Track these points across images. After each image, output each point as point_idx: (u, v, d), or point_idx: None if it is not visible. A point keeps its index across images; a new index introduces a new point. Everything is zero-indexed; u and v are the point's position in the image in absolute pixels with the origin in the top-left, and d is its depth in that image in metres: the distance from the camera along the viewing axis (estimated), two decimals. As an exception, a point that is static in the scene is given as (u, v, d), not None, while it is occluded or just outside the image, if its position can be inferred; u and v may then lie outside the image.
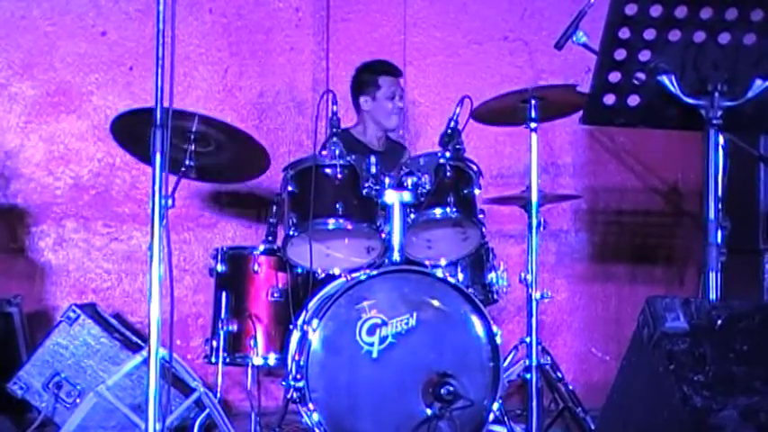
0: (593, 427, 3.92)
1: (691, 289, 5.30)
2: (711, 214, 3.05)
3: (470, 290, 3.79)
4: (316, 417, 3.47)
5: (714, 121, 3.05)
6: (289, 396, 3.65)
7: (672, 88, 3.05)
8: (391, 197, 3.78)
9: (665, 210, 5.56)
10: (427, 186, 3.78)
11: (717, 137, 3.07)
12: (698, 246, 3.09)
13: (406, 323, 3.60)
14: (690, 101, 3.06)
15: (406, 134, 5.21)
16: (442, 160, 3.82)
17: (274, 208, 4.17)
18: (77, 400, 4.02)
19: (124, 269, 4.95)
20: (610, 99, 3.10)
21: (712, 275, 3.02)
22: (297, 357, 3.64)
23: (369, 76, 4.64)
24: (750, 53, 3.02)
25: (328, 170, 3.73)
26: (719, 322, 2.66)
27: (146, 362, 2.93)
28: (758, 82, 3.05)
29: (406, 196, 3.79)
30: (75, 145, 4.95)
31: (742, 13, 2.96)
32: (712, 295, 3.00)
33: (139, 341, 4.23)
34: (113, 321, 4.42)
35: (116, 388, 3.74)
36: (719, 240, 3.04)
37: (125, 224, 4.97)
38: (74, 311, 4.14)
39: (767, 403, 2.52)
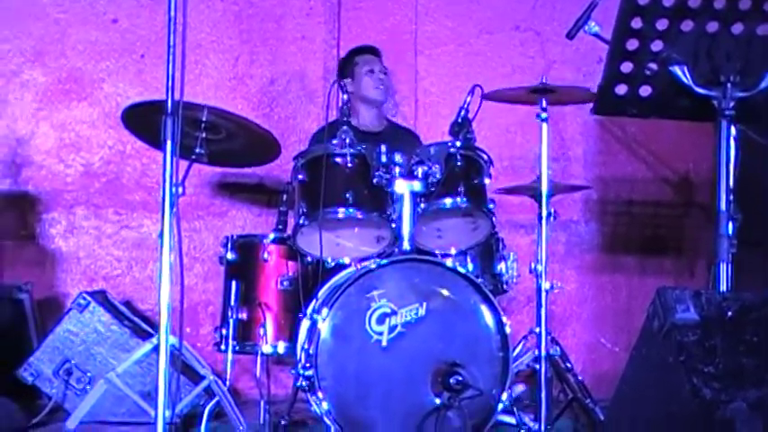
0: (602, 418, 3.92)
1: (701, 280, 5.28)
2: (723, 205, 3.05)
3: (480, 280, 3.78)
4: (325, 405, 3.47)
5: (726, 112, 3.04)
6: (298, 384, 3.66)
7: (684, 79, 3.04)
8: (401, 187, 3.78)
9: (675, 201, 5.54)
10: (437, 176, 3.77)
11: (729, 128, 3.07)
12: (709, 237, 3.09)
13: (416, 312, 3.60)
14: (702, 91, 3.05)
15: (416, 123, 5.20)
16: (452, 149, 3.81)
17: (285, 196, 4.17)
18: (87, 387, 4.04)
19: (134, 257, 4.97)
20: (621, 89, 3.10)
21: (723, 267, 3.02)
22: (306, 346, 3.65)
23: (345, 61, 4.81)
24: (763, 44, 3.01)
25: (339, 159, 3.73)
26: (730, 314, 2.66)
27: (156, 349, 2.94)
28: (771, 73, 3.04)
29: (417, 186, 3.78)
30: (86, 132, 4.96)
31: (756, 2, 2.95)
32: (723, 287, 3.00)
33: (149, 329, 4.25)
34: (123, 309, 4.44)
35: (126, 375, 3.75)
36: (731, 232, 3.04)
37: (135, 212, 4.98)
38: (84, 298, 4.16)
39: (777, 395, 2.52)
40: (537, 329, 3.91)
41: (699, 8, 2.95)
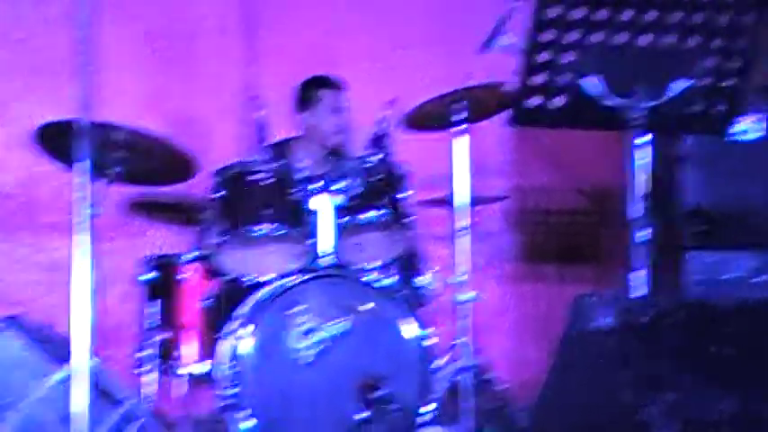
0: (525, 426, 3.95)
1: (618, 287, 5.37)
2: (636, 213, 3.11)
3: (401, 293, 3.80)
4: (249, 423, 3.45)
5: (636, 122, 3.11)
6: (222, 404, 3.62)
7: (595, 90, 3.10)
8: (320, 202, 3.78)
9: (591, 209, 5.63)
10: (356, 190, 3.78)
11: (639, 137, 3.13)
12: (624, 245, 3.14)
13: (339, 328, 3.60)
14: (612, 102, 3.11)
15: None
16: (370, 164, 3.83)
17: (203, 215, 4.14)
18: (3, 415, 3.94)
19: (50, 280, 4.86)
20: (535, 101, 3.14)
21: (638, 273, 3.07)
22: (229, 365, 3.62)
23: (309, 91, 4.58)
24: (669, 54, 3.09)
25: (256, 176, 3.71)
26: (646, 319, 2.71)
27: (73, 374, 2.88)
28: (678, 82, 3.11)
29: (336, 200, 3.79)
30: (-2, 154, 4.86)
31: (661, 15, 3.02)
32: (638, 293, 3.05)
33: (67, 353, 4.15)
34: (39, 333, 4.34)
35: (43, 401, 3.67)
36: (644, 239, 3.10)
37: (50, 234, 4.88)
38: (-2, 324, 4.06)
39: (693, 398, 2.57)
40: (459, 341, 3.94)
41: (606, 20, 3.01)
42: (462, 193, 3.93)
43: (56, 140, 3.61)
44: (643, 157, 3.15)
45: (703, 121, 3.27)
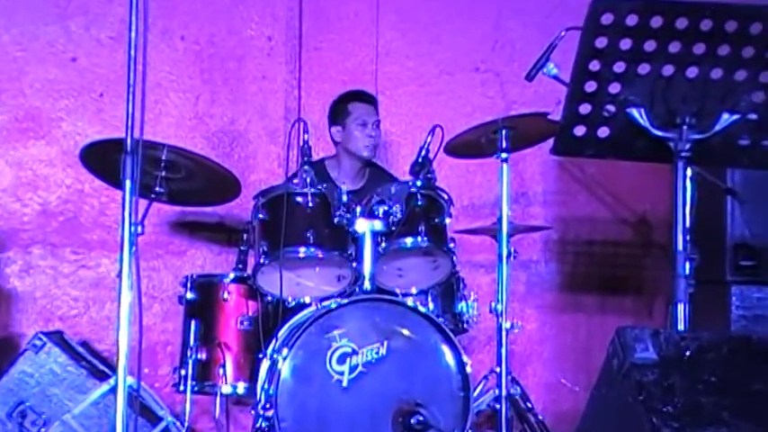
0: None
1: (659, 320, 5.32)
2: (680, 246, 3.07)
3: (441, 319, 3.79)
4: (284, 446, 3.45)
5: (683, 154, 3.08)
6: (258, 425, 3.62)
7: (641, 121, 3.08)
8: (362, 226, 3.79)
9: (634, 241, 5.59)
10: (398, 215, 3.78)
11: (685, 169, 3.10)
12: (667, 277, 3.11)
13: (377, 352, 3.59)
14: (659, 133, 3.09)
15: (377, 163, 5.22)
16: (413, 189, 3.84)
17: (245, 236, 4.16)
18: (42, 430, 3.97)
19: (92, 296, 4.90)
20: (580, 130, 3.12)
21: (681, 306, 3.04)
22: (266, 386, 3.62)
23: (340, 105, 4.60)
24: (717, 87, 3.06)
25: (299, 198, 3.73)
26: (688, 353, 2.67)
27: (113, 390, 2.90)
28: (725, 116, 3.09)
29: (377, 225, 3.79)
30: (44, 171, 4.91)
31: (709, 47, 3.00)
32: (681, 326, 3.02)
33: (106, 369, 4.19)
34: (80, 349, 4.38)
35: (82, 417, 3.70)
36: (688, 272, 3.07)
37: (93, 251, 4.93)
38: (40, 339, 4.10)
39: (735, 434, 2.53)
40: (497, 369, 3.92)
41: (655, 52, 2.99)
42: (503, 221, 3.91)
43: (101, 159, 3.65)
44: (688, 190, 3.12)
45: (750, 155, 3.23)
